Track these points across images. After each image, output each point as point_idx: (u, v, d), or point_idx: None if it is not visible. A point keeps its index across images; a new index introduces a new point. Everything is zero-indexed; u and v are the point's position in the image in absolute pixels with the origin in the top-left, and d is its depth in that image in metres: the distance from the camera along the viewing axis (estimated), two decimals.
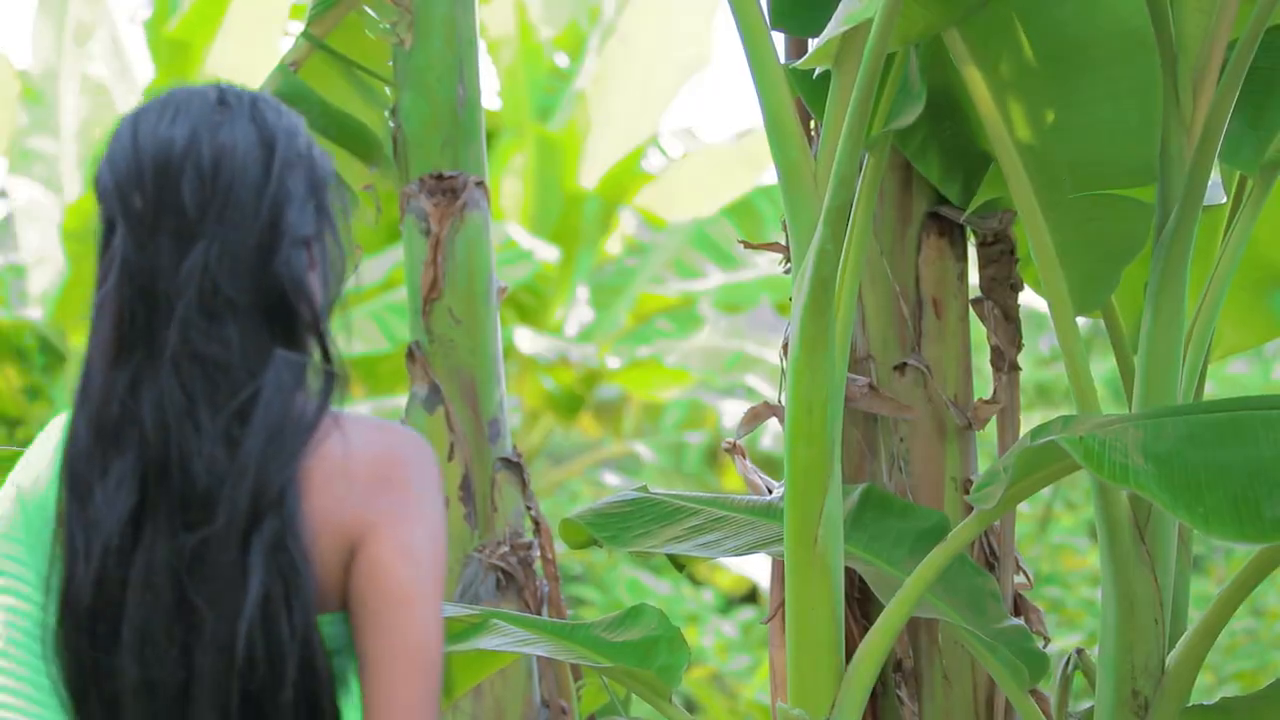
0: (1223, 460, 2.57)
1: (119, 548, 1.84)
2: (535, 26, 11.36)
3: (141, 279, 1.89)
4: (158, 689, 1.85)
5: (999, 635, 3.13)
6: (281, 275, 1.91)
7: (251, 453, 1.86)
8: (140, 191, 1.90)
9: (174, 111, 1.94)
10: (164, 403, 1.86)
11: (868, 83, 2.69)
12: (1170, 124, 2.95)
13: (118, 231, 1.90)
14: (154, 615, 1.84)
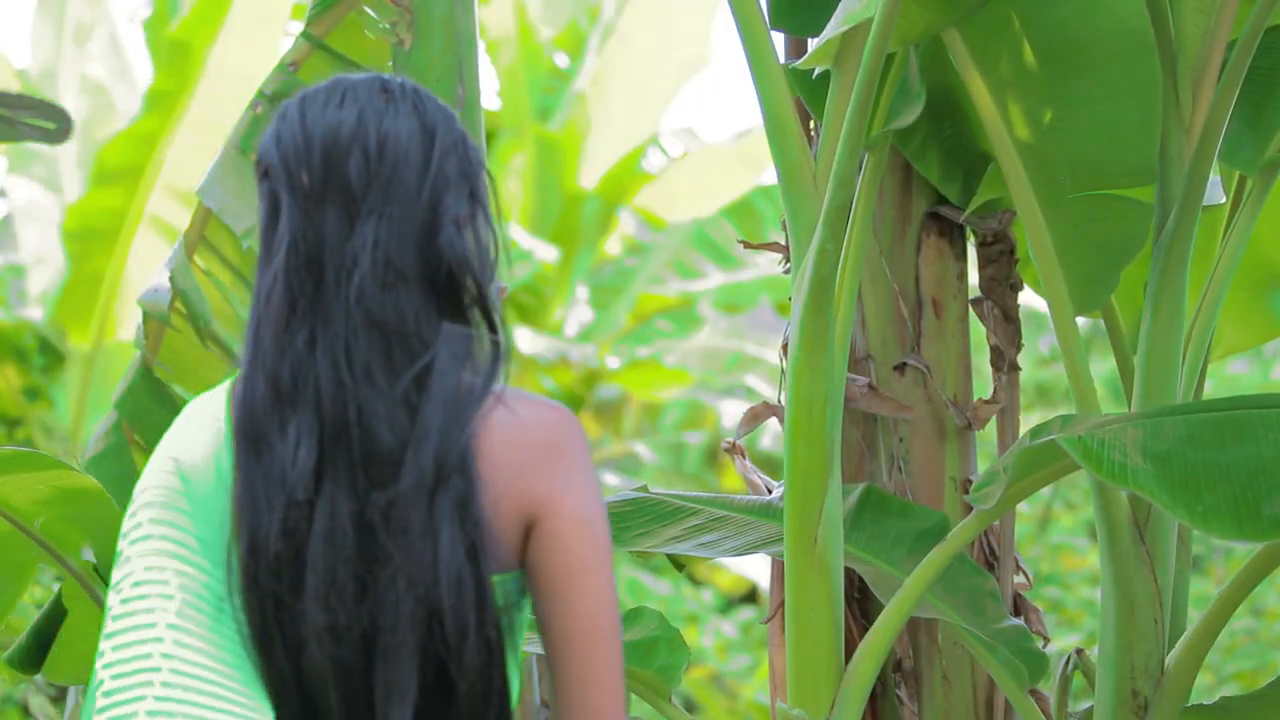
0: (1222, 459, 2.57)
1: (302, 500, 1.94)
2: (535, 26, 11.36)
3: (311, 249, 1.99)
4: (343, 635, 1.94)
5: (998, 635, 3.13)
6: (446, 252, 2.02)
7: (432, 418, 1.96)
8: (308, 169, 2.01)
9: (341, 96, 2.04)
10: (340, 363, 1.97)
11: (867, 83, 2.69)
12: (1170, 124, 2.95)
13: (284, 206, 2.01)
14: (339, 565, 1.93)
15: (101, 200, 8.21)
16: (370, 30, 4.16)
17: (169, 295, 3.93)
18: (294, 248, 2.00)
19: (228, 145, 4.03)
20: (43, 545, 3.25)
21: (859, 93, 2.70)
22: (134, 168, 8.07)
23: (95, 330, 8.67)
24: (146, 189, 8.12)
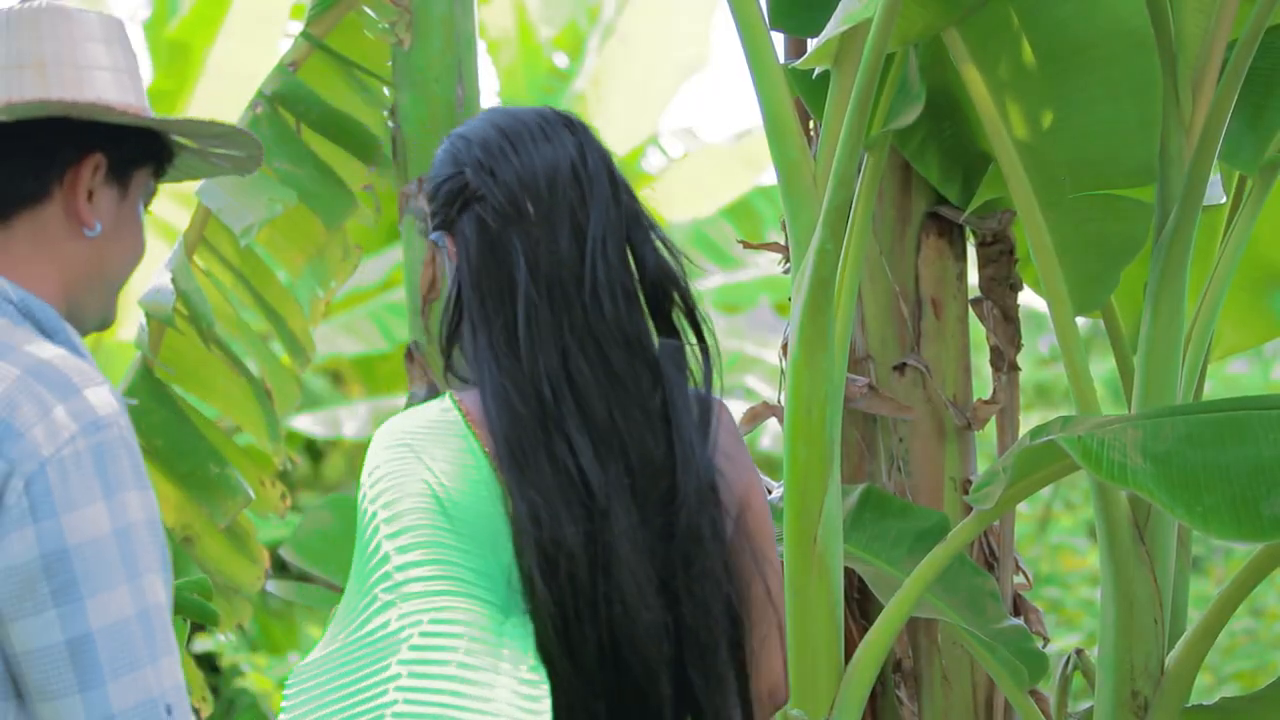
0: (1222, 460, 2.57)
1: (604, 509, 2.06)
2: (534, 26, 11.36)
3: (551, 271, 2.16)
4: (665, 632, 2.09)
5: (998, 635, 3.13)
6: (650, 266, 2.23)
7: (687, 428, 2.15)
8: (534, 199, 2.18)
9: (543, 133, 2.22)
10: (601, 377, 2.12)
11: (867, 83, 2.69)
12: (1170, 124, 2.95)
13: (510, 234, 2.18)
14: (646, 567, 2.07)
15: None
16: (370, 30, 4.16)
17: (171, 296, 3.93)
18: (534, 270, 2.15)
19: None
20: None
21: (858, 93, 2.70)
22: None
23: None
24: None
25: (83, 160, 2.08)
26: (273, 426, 4.22)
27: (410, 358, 4.26)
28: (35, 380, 1.95)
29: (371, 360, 9.44)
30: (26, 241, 2.07)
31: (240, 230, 3.90)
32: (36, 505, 1.91)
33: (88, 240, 2.10)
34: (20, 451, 1.91)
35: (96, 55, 2.11)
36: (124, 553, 1.93)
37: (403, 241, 4.26)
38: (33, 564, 1.90)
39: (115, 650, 1.92)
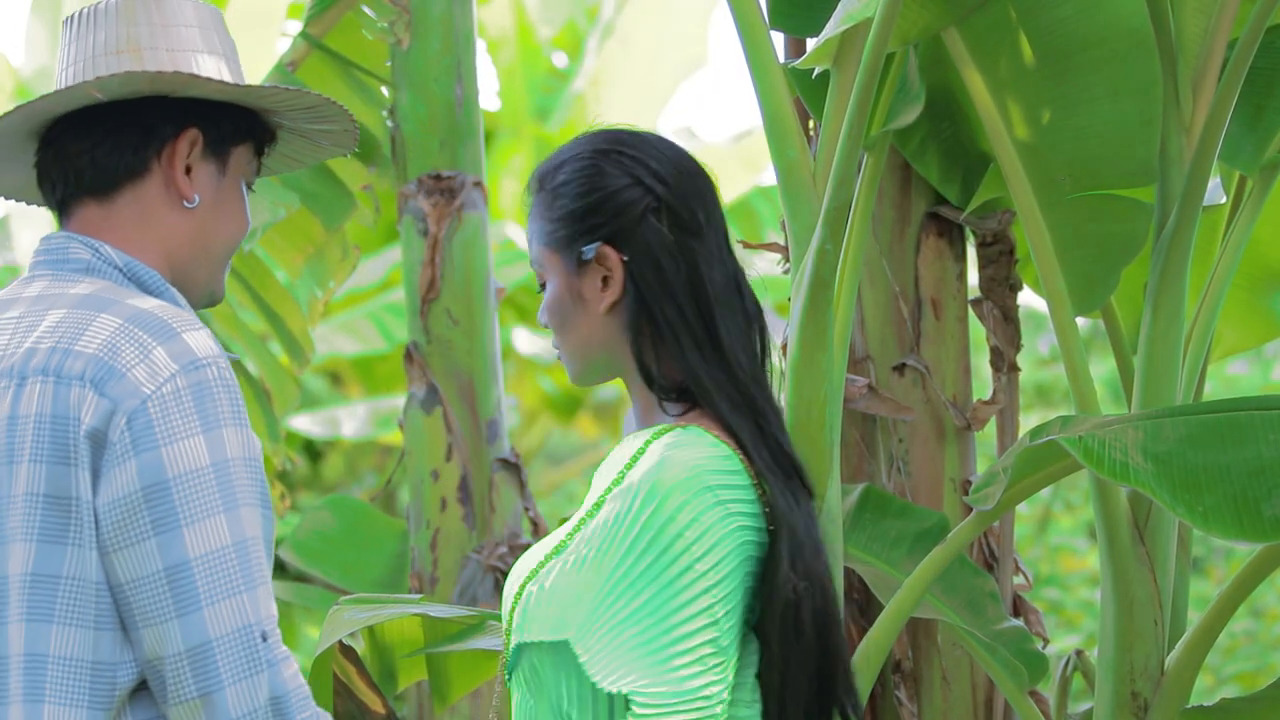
0: (1222, 460, 2.57)
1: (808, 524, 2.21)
2: (534, 26, 11.35)
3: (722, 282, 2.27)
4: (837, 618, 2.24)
5: (998, 636, 3.12)
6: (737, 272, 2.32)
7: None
8: (704, 210, 2.29)
9: (666, 142, 2.32)
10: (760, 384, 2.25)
11: (867, 83, 2.69)
12: (1170, 124, 2.95)
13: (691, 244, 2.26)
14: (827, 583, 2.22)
15: None
16: (368, 30, 4.15)
17: None
18: (714, 280, 2.26)
19: None
20: None
21: (858, 93, 2.70)
22: None
23: None
24: None
25: (179, 135, 2.18)
26: (271, 427, 4.21)
27: (409, 358, 4.26)
28: (136, 326, 2.05)
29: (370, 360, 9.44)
30: (129, 214, 2.17)
31: None
32: (138, 439, 2.00)
33: (188, 212, 2.19)
34: (122, 390, 2.01)
35: (190, 39, 2.20)
36: (221, 485, 2.02)
37: (401, 241, 4.26)
38: (134, 495, 2.00)
39: (212, 578, 2.01)
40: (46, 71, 9.37)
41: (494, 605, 4.06)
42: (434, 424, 4.21)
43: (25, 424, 2.04)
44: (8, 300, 2.16)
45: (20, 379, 2.06)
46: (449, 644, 2.98)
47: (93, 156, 2.16)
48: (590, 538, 2.19)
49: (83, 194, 2.17)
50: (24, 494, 2.02)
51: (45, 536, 2.01)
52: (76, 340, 2.05)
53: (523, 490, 4.25)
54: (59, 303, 2.11)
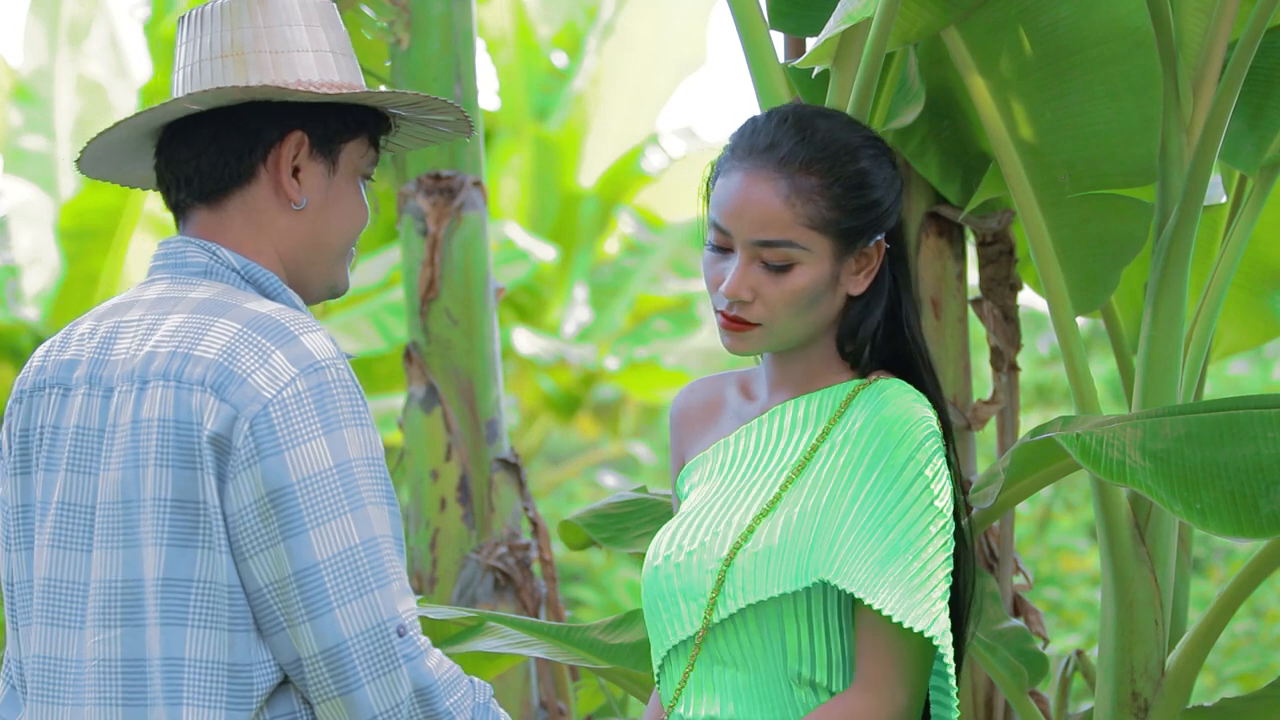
0: (1220, 458, 2.57)
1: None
2: (533, 25, 11.35)
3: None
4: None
5: (998, 636, 3.12)
6: None
7: None
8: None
9: None
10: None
11: (866, 82, 2.68)
12: (1170, 124, 2.94)
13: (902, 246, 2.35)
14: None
15: (96, 199, 8.20)
16: (368, 29, 4.15)
17: None
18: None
19: None
20: None
21: (858, 92, 2.70)
22: None
23: None
24: None
25: (284, 139, 2.17)
26: None
27: (408, 358, 4.25)
28: (254, 330, 2.06)
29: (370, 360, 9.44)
30: (239, 219, 2.18)
31: None
32: (261, 445, 2.02)
33: (298, 214, 2.19)
34: (243, 396, 2.03)
35: (296, 39, 2.19)
36: (346, 486, 2.03)
37: (401, 241, 4.26)
38: (261, 501, 2.02)
39: (341, 578, 2.02)
40: (45, 72, 9.37)
41: (494, 605, 4.06)
42: (433, 424, 4.21)
43: (148, 428, 2.05)
44: (127, 303, 2.17)
45: (141, 383, 2.07)
46: (448, 645, 2.98)
47: (198, 165, 2.16)
48: (824, 485, 2.24)
49: (194, 200, 2.18)
50: (151, 499, 2.04)
51: (175, 541, 2.03)
52: (196, 345, 2.06)
53: (522, 490, 4.25)
54: (179, 306, 2.12)
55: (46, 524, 2.12)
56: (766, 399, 2.37)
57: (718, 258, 2.35)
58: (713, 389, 2.45)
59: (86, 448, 2.10)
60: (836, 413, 2.28)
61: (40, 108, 9.28)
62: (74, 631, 2.09)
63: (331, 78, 2.19)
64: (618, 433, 12.13)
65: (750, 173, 2.29)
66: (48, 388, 2.15)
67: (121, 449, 2.06)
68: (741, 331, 2.29)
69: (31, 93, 9.29)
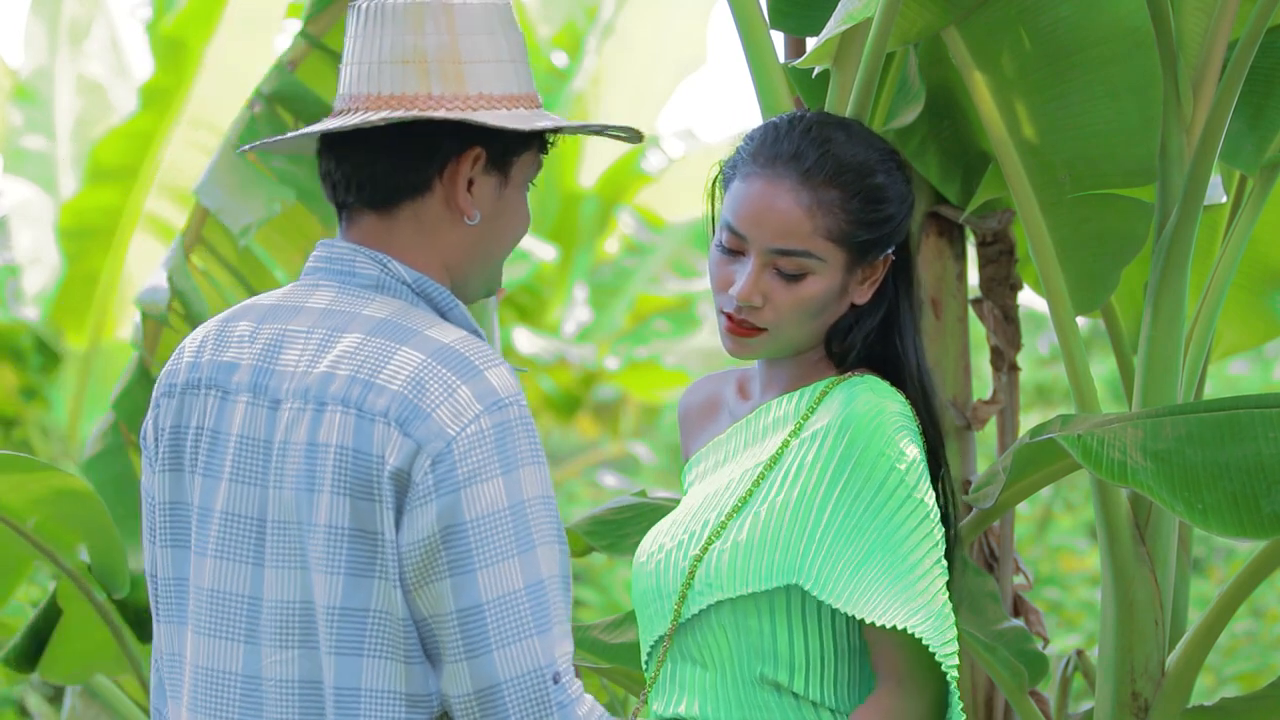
0: (1221, 458, 2.57)
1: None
2: (533, 25, 11.35)
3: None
4: None
5: (998, 636, 3.12)
6: None
7: None
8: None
9: None
10: None
11: (866, 82, 2.68)
12: (1170, 124, 2.94)
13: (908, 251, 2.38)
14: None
15: (96, 198, 8.20)
16: None
17: (167, 295, 3.91)
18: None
19: (225, 145, 4.01)
20: (35, 545, 3.24)
21: (858, 92, 2.69)
22: (129, 166, 8.06)
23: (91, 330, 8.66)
24: (142, 187, 8.10)
25: (463, 154, 2.14)
26: None
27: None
28: (440, 363, 2.04)
29: None
30: (409, 229, 2.14)
31: (239, 230, 3.88)
32: (440, 482, 2.00)
33: (467, 227, 2.16)
34: (427, 432, 2.01)
35: (479, 48, 2.15)
36: (517, 527, 2.02)
37: None
38: (433, 537, 2.01)
39: (502, 621, 2.01)
40: (45, 72, 9.36)
41: None
42: None
43: (325, 453, 2.03)
44: (290, 307, 2.14)
45: (319, 404, 2.05)
46: None
47: (371, 171, 2.12)
48: (794, 481, 2.25)
49: (363, 205, 2.14)
50: (325, 525, 2.03)
51: (352, 570, 2.02)
52: (379, 373, 2.03)
53: None
54: (354, 324, 2.08)
55: (210, 532, 2.10)
56: (759, 398, 2.39)
57: (728, 259, 2.34)
58: (713, 388, 2.47)
59: (251, 459, 2.08)
60: (810, 408, 2.29)
61: (40, 107, 9.27)
62: (235, 645, 2.09)
63: (510, 89, 2.15)
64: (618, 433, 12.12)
65: (772, 181, 2.29)
66: (204, 388, 2.12)
67: (295, 469, 2.04)
68: (746, 337, 2.30)
69: (32, 92, 9.29)
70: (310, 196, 4.06)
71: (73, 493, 3.16)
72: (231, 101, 7.64)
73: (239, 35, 7.99)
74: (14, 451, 3.00)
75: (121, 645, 3.40)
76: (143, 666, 3.44)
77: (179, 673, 2.14)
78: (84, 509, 3.20)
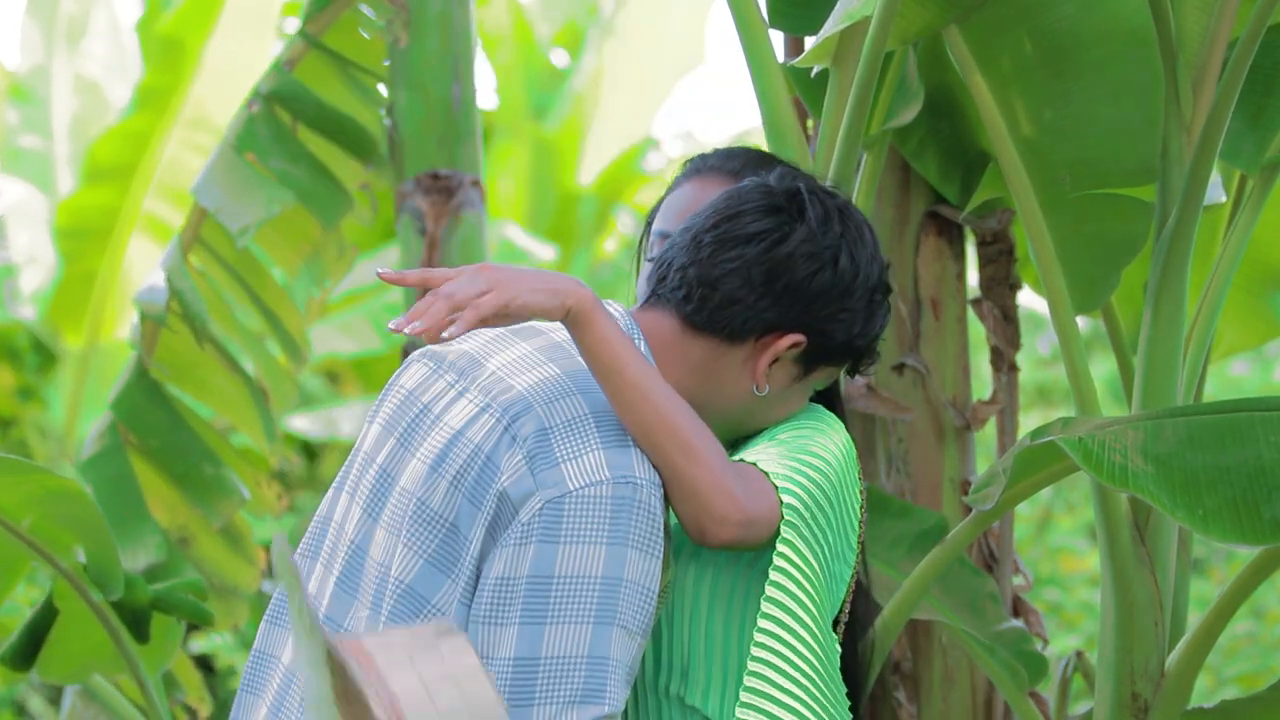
0: (1222, 462, 2.56)
1: None
2: (532, 24, 11.34)
3: None
4: None
5: (998, 637, 3.11)
6: None
7: None
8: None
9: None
10: None
11: (866, 81, 2.68)
12: (1170, 123, 2.93)
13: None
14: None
15: (93, 198, 8.18)
16: (366, 28, 4.14)
17: (165, 295, 3.91)
18: None
19: (223, 145, 4.01)
20: (31, 545, 3.23)
21: (857, 91, 2.69)
22: (126, 165, 8.04)
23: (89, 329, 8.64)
24: (139, 186, 8.09)
25: (786, 334, 2.19)
26: (269, 427, 4.20)
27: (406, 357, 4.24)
28: (595, 421, 2.07)
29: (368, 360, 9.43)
30: (699, 353, 2.18)
31: (237, 230, 3.88)
32: (546, 529, 2.02)
33: (744, 392, 2.20)
34: (550, 477, 2.03)
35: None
36: (604, 599, 2.02)
37: (399, 241, 4.25)
38: (519, 580, 2.01)
39: (552, 680, 2.01)
40: (41, 71, 9.35)
41: None
42: None
43: (463, 447, 2.07)
44: (544, 329, 2.20)
45: (485, 405, 2.10)
46: None
47: (706, 294, 2.17)
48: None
49: (678, 309, 2.18)
50: (432, 509, 2.06)
51: (434, 561, 2.06)
52: (542, 404, 2.07)
53: None
54: (561, 361, 2.14)
55: (365, 478, 2.17)
56: None
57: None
58: None
59: (420, 427, 2.14)
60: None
61: (37, 107, 9.26)
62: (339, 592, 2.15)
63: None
64: None
65: (694, 181, 2.39)
66: (427, 359, 2.21)
67: (435, 446, 2.09)
68: None
69: (28, 92, 9.27)
70: (309, 198, 4.05)
71: (67, 494, 3.15)
72: (229, 101, 7.62)
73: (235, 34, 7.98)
74: (8, 454, 2.99)
75: (119, 645, 3.39)
76: (140, 667, 3.44)
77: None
78: (79, 511, 3.19)
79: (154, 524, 4.01)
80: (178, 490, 4.08)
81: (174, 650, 3.48)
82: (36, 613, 3.44)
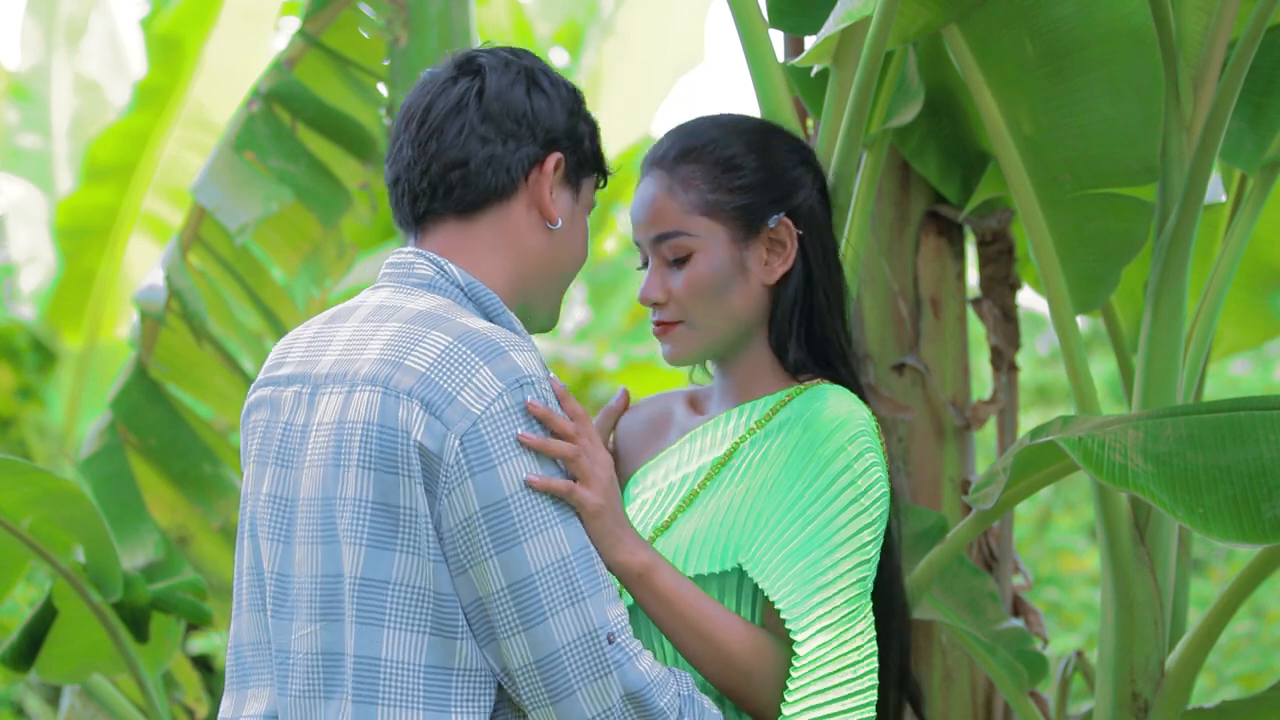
0: (1222, 461, 2.56)
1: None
2: (532, 23, 11.34)
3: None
4: None
5: (998, 637, 3.11)
6: None
7: None
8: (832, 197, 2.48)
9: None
10: None
11: (866, 80, 2.68)
12: (1170, 123, 2.93)
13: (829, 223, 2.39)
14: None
15: (93, 197, 8.18)
16: (365, 27, 4.14)
17: (164, 294, 3.91)
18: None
19: (222, 143, 4.01)
20: (31, 545, 3.23)
21: (857, 90, 2.69)
22: (125, 164, 8.04)
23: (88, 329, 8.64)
24: (138, 185, 8.09)
25: (546, 158, 2.20)
26: None
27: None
28: (464, 344, 2.08)
29: None
30: (490, 233, 2.20)
31: (236, 229, 3.88)
32: (472, 461, 2.05)
33: (548, 234, 2.22)
34: (453, 412, 2.05)
35: None
36: (555, 497, 2.07)
37: (399, 241, 4.25)
38: (474, 516, 2.05)
39: (554, 588, 2.06)
40: (41, 70, 9.35)
41: None
42: None
43: (352, 430, 2.08)
44: (353, 306, 2.21)
45: (350, 387, 2.10)
46: None
47: (464, 173, 2.18)
48: (752, 472, 2.27)
49: (446, 211, 2.20)
50: (353, 499, 2.07)
51: (374, 543, 2.07)
52: (407, 356, 2.08)
53: None
54: (396, 315, 2.14)
55: (262, 516, 2.17)
56: (715, 409, 2.42)
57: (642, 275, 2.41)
58: (658, 407, 2.51)
59: (288, 443, 2.15)
60: (765, 416, 2.32)
61: (36, 106, 9.26)
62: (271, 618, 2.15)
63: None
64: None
65: (644, 180, 2.37)
66: (268, 386, 2.20)
67: (323, 447, 2.10)
68: (666, 334, 2.35)
69: (28, 91, 9.27)
70: (307, 196, 4.05)
71: (66, 494, 3.15)
72: (229, 100, 7.62)
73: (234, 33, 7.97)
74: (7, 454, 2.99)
75: (118, 645, 3.39)
76: (139, 667, 3.44)
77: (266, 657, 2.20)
78: (78, 511, 3.19)
79: (153, 523, 4.01)
80: (177, 489, 4.08)
81: (173, 650, 3.48)
82: (36, 613, 3.44)
